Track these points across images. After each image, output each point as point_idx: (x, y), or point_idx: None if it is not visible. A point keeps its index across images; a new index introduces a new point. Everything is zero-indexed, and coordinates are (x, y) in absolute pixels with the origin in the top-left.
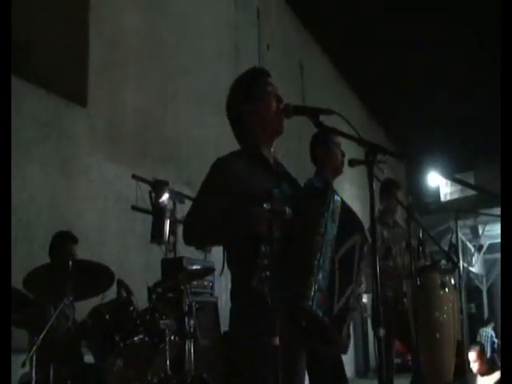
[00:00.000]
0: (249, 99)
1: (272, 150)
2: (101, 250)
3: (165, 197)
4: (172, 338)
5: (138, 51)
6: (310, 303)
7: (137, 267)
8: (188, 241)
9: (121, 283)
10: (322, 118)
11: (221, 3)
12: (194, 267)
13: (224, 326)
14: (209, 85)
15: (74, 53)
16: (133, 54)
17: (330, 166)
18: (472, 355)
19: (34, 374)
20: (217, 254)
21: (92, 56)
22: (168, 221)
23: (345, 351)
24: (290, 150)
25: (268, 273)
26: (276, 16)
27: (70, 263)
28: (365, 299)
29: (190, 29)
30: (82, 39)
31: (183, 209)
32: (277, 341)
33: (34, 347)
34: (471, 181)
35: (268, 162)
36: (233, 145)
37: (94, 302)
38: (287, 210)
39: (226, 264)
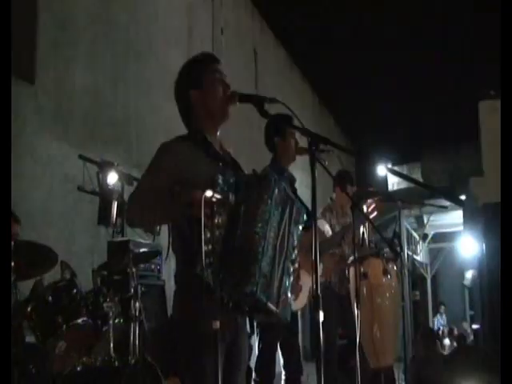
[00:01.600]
0: (196, 85)
1: (218, 134)
2: (46, 232)
3: (113, 178)
4: (116, 320)
5: (89, 30)
6: (255, 289)
7: (83, 249)
8: (129, 222)
9: (64, 265)
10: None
11: None
12: (141, 250)
13: (171, 309)
14: (161, 67)
15: (21, 28)
16: (84, 33)
17: (285, 153)
18: None
19: None
20: (165, 235)
21: (41, 32)
22: (116, 203)
23: (284, 320)
24: (244, 139)
25: (211, 259)
26: (230, 0)
27: (12, 244)
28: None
29: (143, 10)
30: (30, 14)
31: (131, 190)
32: (217, 324)
33: None
34: (417, 171)
35: (213, 147)
36: (182, 128)
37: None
38: (230, 196)
39: (170, 248)
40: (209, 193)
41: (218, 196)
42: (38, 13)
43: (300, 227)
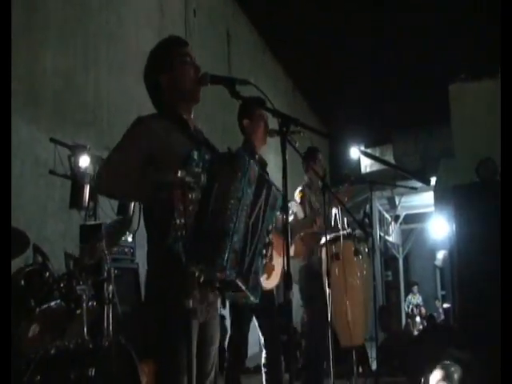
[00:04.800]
0: (166, 70)
1: (192, 117)
2: (17, 216)
3: (84, 161)
4: (89, 303)
5: (60, 13)
6: (225, 264)
7: (56, 233)
8: (97, 190)
9: (37, 249)
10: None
11: None
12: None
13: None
14: (132, 50)
15: None
16: (55, 16)
17: (255, 136)
18: None
19: None
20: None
21: (12, 15)
22: (88, 186)
23: (254, 299)
24: (217, 120)
25: (183, 232)
26: None
27: None
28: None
29: None
30: None
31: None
32: (190, 303)
33: None
34: (390, 153)
35: (188, 125)
36: (154, 111)
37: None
38: (202, 176)
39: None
40: (182, 173)
41: (193, 172)
42: None
43: (276, 212)
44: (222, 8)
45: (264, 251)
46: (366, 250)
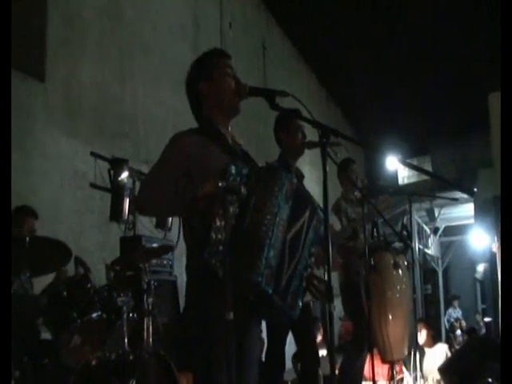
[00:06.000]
0: (207, 79)
1: (229, 128)
2: (56, 228)
3: (124, 175)
4: (130, 315)
5: (96, 26)
6: (260, 279)
7: (94, 245)
8: (139, 210)
9: (78, 260)
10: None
11: None
12: (153, 245)
13: (183, 305)
14: (168, 62)
15: (31, 26)
16: (91, 28)
17: (292, 148)
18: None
19: None
20: (176, 232)
21: (50, 30)
22: (127, 199)
23: (290, 320)
24: (251, 132)
25: (221, 247)
26: None
27: (27, 239)
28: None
29: (150, 4)
30: (40, 12)
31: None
32: (231, 315)
33: None
34: (428, 165)
35: (226, 139)
36: (191, 123)
37: (51, 277)
38: (242, 188)
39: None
40: (222, 184)
41: (231, 187)
42: (48, 10)
43: (319, 235)
44: (257, 20)
45: (305, 273)
46: (405, 262)
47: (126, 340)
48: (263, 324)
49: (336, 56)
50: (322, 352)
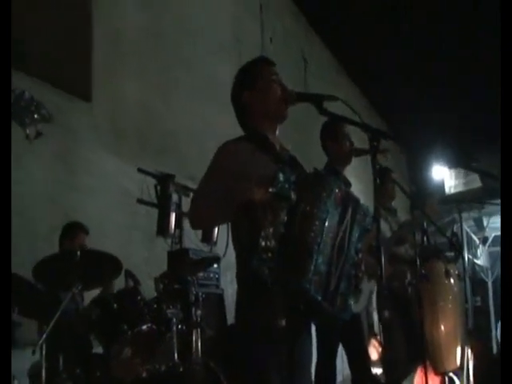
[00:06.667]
0: (253, 87)
1: (277, 134)
2: (103, 244)
3: (170, 190)
4: (179, 327)
5: (139, 45)
6: (309, 286)
7: (140, 261)
8: (193, 224)
9: (128, 273)
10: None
11: None
12: (200, 257)
13: (230, 318)
14: (210, 78)
15: (77, 47)
16: (134, 47)
17: (339, 155)
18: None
19: (43, 363)
20: (222, 245)
21: (95, 50)
22: (173, 214)
23: (342, 321)
24: (295, 142)
25: (269, 254)
26: (278, 8)
27: (78, 252)
28: None
29: (191, 22)
30: (85, 34)
31: (188, 202)
32: (283, 322)
33: (44, 336)
34: (475, 174)
35: (274, 146)
36: (234, 136)
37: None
38: (292, 194)
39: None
40: (272, 190)
41: (281, 193)
42: (92, 31)
43: (365, 230)
44: (297, 33)
45: (353, 272)
46: (456, 271)
47: (175, 352)
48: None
49: (377, 66)
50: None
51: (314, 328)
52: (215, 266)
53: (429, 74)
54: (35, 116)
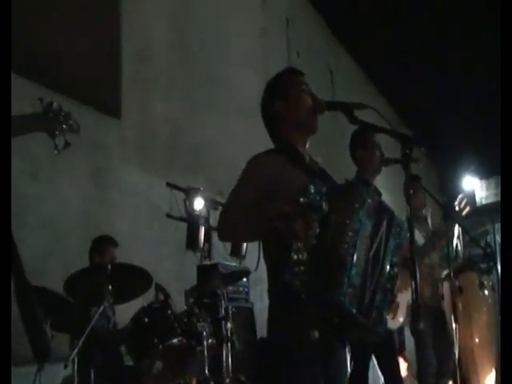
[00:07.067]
0: (283, 98)
1: (307, 146)
2: (133, 259)
3: (199, 204)
4: (209, 340)
5: (166, 62)
6: (343, 298)
7: (170, 275)
8: (221, 236)
9: (158, 286)
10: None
11: (248, 12)
12: (230, 271)
13: (259, 331)
14: (237, 93)
15: (107, 65)
16: (162, 64)
17: (370, 166)
18: None
19: (75, 376)
20: (251, 259)
21: (124, 67)
22: (202, 228)
23: (377, 337)
24: (324, 155)
25: (302, 267)
26: (304, 21)
27: (109, 266)
28: None
29: (217, 38)
30: (114, 51)
31: (217, 216)
32: (316, 334)
33: (76, 349)
34: None
35: (303, 158)
36: (262, 150)
37: (133, 304)
38: (324, 205)
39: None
40: (304, 200)
41: (312, 204)
42: (122, 48)
43: (401, 243)
44: (323, 46)
45: (388, 286)
46: (490, 283)
47: (206, 366)
48: None
49: (404, 77)
50: None
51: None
52: (245, 279)
53: (456, 85)
54: (64, 126)
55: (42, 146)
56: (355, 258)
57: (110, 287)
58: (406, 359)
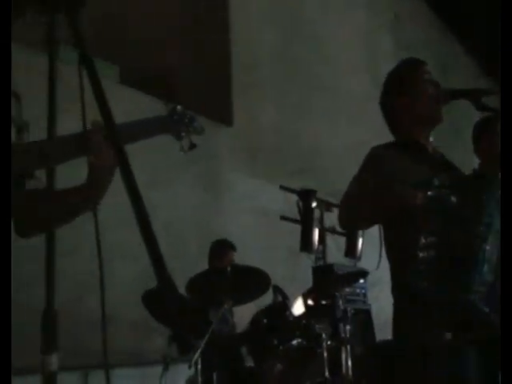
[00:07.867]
0: (404, 90)
1: (431, 139)
2: (247, 263)
3: (312, 205)
4: (328, 343)
5: (274, 69)
6: (474, 298)
7: (284, 278)
8: (341, 221)
9: (276, 288)
10: None
11: (354, 16)
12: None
13: (377, 333)
14: (345, 96)
15: (217, 75)
16: (270, 72)
17: (495, 156)
18: None
19: (199, 378)
20: (366, 261)
21: (234, 77)
22: (316, 229)
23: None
24: (450, 147)
25: (427, 265)
26: (413, 16)
27: (228, 268)
28: None
29: (324, 45)
30: (224, 62)
31: (330, 217)
32: (445, 337)
33: (199, 351)
34: None
35: (426, 150)
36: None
37: (249, 306)
38: (451, 198)
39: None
40: (425, 194)
41: (438, 198)
42: (231, 59)
43: None
44: (434, 39)
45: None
46: None
47: (326, 368)
48: None
49: None
50: None
51: None
52: (362, 281)
53: None
54: (189, 128)
55: (160, 157)
56: (487, 253)
57: (230, 289)
58: None
